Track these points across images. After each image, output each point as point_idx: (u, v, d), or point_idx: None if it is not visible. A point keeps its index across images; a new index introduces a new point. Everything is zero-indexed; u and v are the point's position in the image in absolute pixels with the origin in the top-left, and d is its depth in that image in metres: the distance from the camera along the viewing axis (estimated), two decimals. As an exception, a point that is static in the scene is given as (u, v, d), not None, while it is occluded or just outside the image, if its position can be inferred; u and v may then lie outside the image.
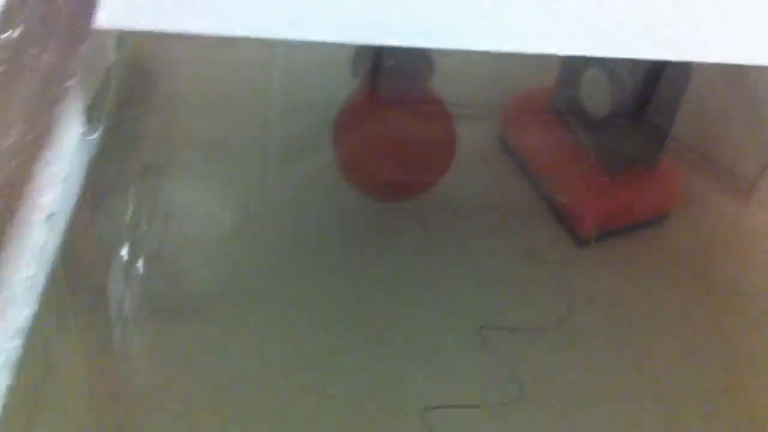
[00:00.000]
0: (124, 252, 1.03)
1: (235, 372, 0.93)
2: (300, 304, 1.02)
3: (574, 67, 1.22)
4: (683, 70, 1.12)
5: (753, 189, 1.22)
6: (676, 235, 1.16)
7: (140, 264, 1.04)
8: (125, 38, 1.03)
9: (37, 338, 0.85)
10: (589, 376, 0.95)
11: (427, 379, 0.93)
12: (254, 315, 1.00)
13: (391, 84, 1.24)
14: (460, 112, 1.28)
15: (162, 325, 0.99)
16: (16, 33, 0.88)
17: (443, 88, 1.30)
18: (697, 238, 1.16)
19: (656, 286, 1.08)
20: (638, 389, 0.94)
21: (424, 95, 1.24)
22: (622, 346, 0.99)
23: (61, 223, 0.83)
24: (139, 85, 1.18)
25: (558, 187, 1.18)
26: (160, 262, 1.06)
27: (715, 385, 0.96)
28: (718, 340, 1.01)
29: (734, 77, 1.30)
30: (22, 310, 0.80)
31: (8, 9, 0.88)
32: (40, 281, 0.80)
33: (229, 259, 1.08)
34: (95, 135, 0.89)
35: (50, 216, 0.81)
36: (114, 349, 0.96)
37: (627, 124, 1.21)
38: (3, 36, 0.87)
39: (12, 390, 0.77)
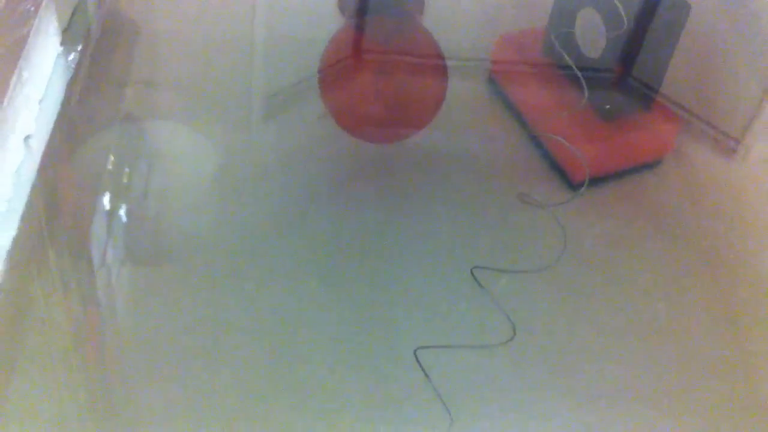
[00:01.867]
0: (106, 199, 1.01)
1: (226, 318, 0.91)
2: (290, 247, 0.99)
3: (567, 6, 1.19)
4: (678, 12, 1.09)
5: (740, 144, 1.21)
6: (667, 182, 1.14)
7: (122, 211, 1.02)
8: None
9: (17, 268, 0.83)
10: (579, 316, 0.94)
11: (420, 320, 0.92)
12: (243, 261, 0.98)
13: (378, 22, 1.21)
14: (450, 55, 1.26)
15: (145, 273, 0.97)
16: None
17: (434, 29, 1.27)
18: (686, 187, 1.15)
19: (645, 230, 1.06)
20: (628, 329, 0.93)
21: (413, 34, 1.21)
22: (612, 288, 0.98)
23: (38, 146, 0.81)
24: (119, 20, 1.14)
25: (550, 130, 1.16)
26: (143, 210, 1.03)
27: (702, 323, 0.95)
28: (705, 282, 1.01)
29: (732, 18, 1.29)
30: (2, 234, 0.78)
31: None
32: (20, 205, 0.79)
33: (215, 206, 1.06)
34: (71, 57, 0.86)
35: (27, 138, 0.79)
36: (96, 295, 0.94)
37: (620, 67, 1.19)
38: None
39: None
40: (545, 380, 0.88)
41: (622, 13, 1.10)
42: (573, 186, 1.10)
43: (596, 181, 1.11)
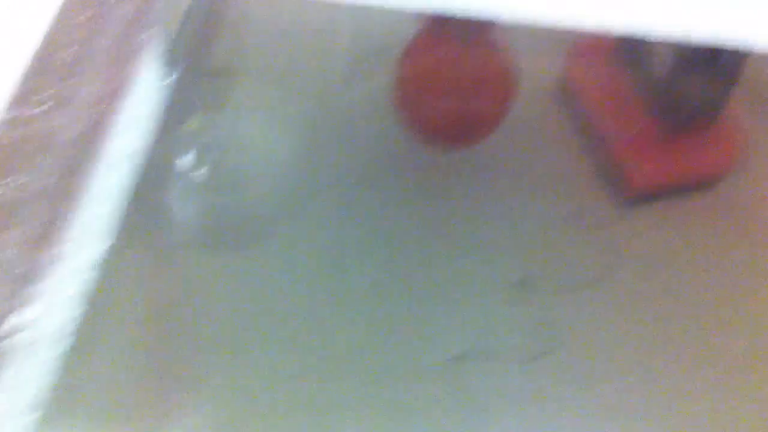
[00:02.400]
0: (186, 180, 1.05)
1: (281, 307, 0.95)
2: (337, 244, 1.01)
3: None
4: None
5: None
6: (732, 198, 1.14)
7: (202, 193, 1.07)
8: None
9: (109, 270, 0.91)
10: (624, 335, 0.95)
11: (458, 329, 0.93)
12: (300, 252, 1.01)
13: (458, 23, 1.23)
14: (522, 62, 1.27)
15: (221, 256, 1.01)
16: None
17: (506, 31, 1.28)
18: (754, 202, 1.15)
19: (705, 249, 1.06)
20: (674, 351, 0.93)
21: (489, 37, 1.22)
22: (660, 307, 0.98)
23: (137, 163, 0.88)
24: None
25: (613, 140, 1.18)
26: (221, 192, 1.08)
27: (757, 348, 0.95)
28: (761, 311, 1.00)
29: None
30: (100, 244, 0.88)
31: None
32: (117, 216, 0.87)
33: (282, 193, 1.10)
34: (172, 78, 0.93)
35: (128, 156, 0.87)
36: (174, 275, 0.99)
37: (693, 74, 1.19)
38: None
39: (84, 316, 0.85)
40: (582, 398, 0.89)
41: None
42: (631, 202, 1.11)
43: (658, 196, 1.13)
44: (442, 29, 1.25)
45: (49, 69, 0.91)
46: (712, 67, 1.18)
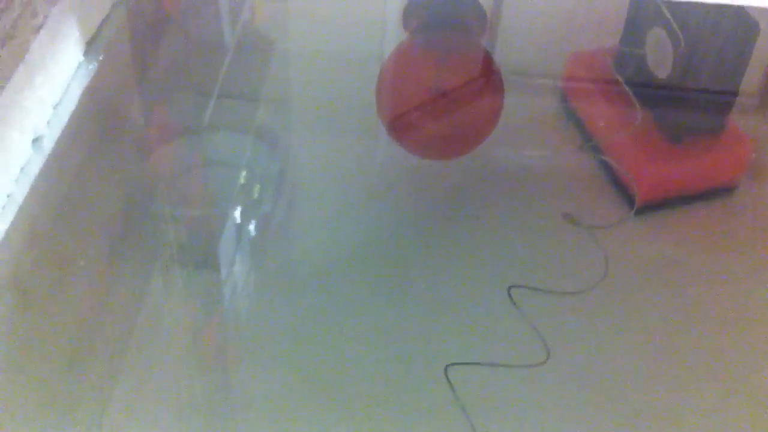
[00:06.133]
0: (236, 215, 1.06)
1: (271, 321, 0.95)
2: (330, 255, 1.01)
3: (638, 25, 1.17)
4: (747, 30, 1.05)
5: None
6: (733, 211, 1.09)
7: (253, 233, 1.05)
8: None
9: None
10: (615, 342, 0.91)
11: (454, 335, 0.91)
12: (288, 269, 1.01)
13: (439, 38, 1.21)
14: (523, 73, 1.25)
15: (270, 293, 0.99)
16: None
17: (507, 47, 1.27)
18: (761, 214, 1.10)
19: (698, 259, 1.02)
20: (664, 359, 0.90)
21: (473, 51, 1.21)
22: (651, 315, 0.94)
23: (47, 148, 0.85)
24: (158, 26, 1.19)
25: (616, 151, 1.14)
26: (272, 230, 1.07)
27: (756, 356, 0.92)
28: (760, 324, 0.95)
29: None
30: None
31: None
32: (18, 200, 0.82)
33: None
34: (93, 65, 0.91)
35: (37, 139, 0.83)
36: (220, 308, 0.98)
37: (690, 87, 1.16)
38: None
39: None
40: (575, 404, 0.86)
41: (689, 34, 1.07)
42: (635, 208, 1.06)
43: (660, 204, 1.08)
44: (424, 41, 1.22)
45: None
46: (715, 74, 1.15)
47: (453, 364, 0.87)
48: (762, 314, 0.97)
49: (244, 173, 1.13)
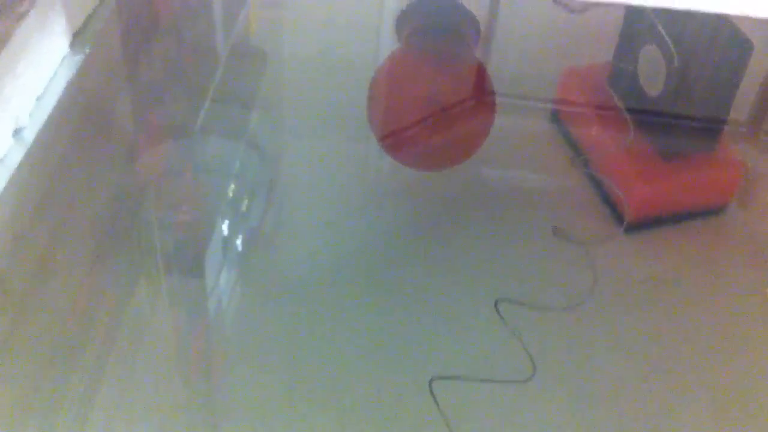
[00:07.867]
0: (224, 227, 1.05)
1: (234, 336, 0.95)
2: (317, 267, 1.00)
3: (631, 42, 1.17)
4: (741, 49, 1.05)
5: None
6: (723, 231, 1.09)
7: (239, 241, 1.04)
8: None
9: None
10: (601, 360, 0.91)
11: (439, 348, 0.90)
12: (274, 281, 1.00)
13: (434, 47, 1.21)
14: (514, 89, 1.25)
15: (253, 303, 0.98)
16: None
17: (498, 63, 1.27)
18: (751, 234, 1.10)
19: (688, 278, 1.02)
20: (649, 377, 0.89)
21: (468, 61, 1.20)
22: (638, 334, 0.94)
23: (28, 140, 0.83)
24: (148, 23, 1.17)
25: (606, 167, 1.13)
26: (259, 242, 1.05)
27: (731, 377, 0.91)
28: (751, 341, 0.95)
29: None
30: None
31: None
32: None
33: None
34: (80, 57, 0.89)
35: (18, 130, 0.81)
36: (207, 319, 0.97)
37: (681, 106, 1.16)
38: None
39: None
40: (560, 420, 0.85)
41: (682, 52, 1.07)
42: (627, 226, 1.06)
43: (650, 223, 1.08)
44: (415, 49, 1.21)
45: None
46: (708, 92, 1.14)
47: (438, 378, 0.87)
48: (751, 334, 0.96)
49: (233, 179, 1.12)
